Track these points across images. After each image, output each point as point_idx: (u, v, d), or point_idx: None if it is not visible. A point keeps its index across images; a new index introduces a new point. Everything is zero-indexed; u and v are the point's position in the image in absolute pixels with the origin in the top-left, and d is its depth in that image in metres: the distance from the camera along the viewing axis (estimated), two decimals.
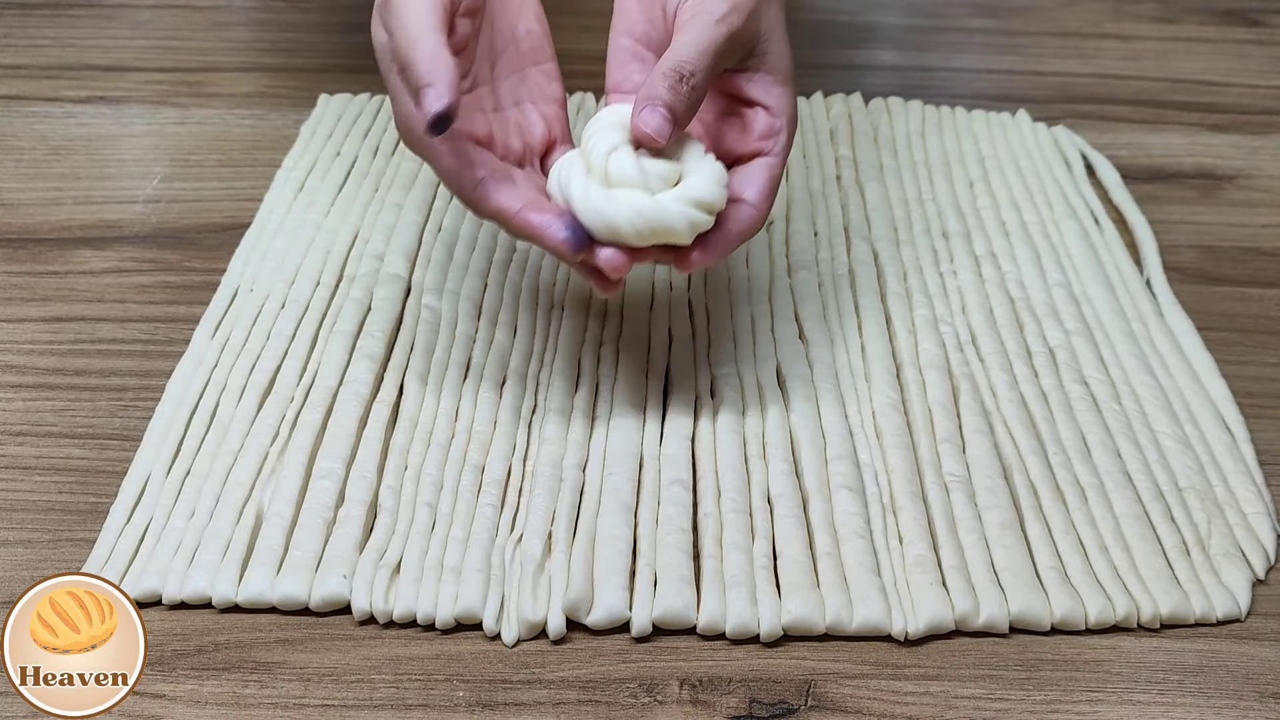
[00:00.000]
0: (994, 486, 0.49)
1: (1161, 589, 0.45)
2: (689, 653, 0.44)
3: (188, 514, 0.47)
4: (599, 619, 0.44)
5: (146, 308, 0.58)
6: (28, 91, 0.75)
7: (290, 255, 0.60)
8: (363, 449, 0.50)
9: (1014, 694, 0.42)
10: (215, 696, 0.41)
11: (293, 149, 0.68)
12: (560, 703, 0.42)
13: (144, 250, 0.62)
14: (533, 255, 0.60)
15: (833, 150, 0.69)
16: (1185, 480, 0.50)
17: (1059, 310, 0.58)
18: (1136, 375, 0.55)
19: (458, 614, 0.44)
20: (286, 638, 0.44)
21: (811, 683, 0.43)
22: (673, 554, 0.46)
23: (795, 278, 0.59)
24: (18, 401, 0.53)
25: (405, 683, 0.42)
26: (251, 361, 0.54)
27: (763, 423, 0.51)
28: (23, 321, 0.57)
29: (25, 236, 0.63)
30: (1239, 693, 0.43)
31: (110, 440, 0.51)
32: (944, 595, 0.45)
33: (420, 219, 0.62)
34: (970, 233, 0.63)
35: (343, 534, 0.46)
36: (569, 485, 0.48)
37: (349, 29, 0.83)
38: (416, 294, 0.58)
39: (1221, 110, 0.76)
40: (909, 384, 0.54)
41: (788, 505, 0.48)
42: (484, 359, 0.54)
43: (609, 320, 0.56)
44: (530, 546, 0.45)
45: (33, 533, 0.47)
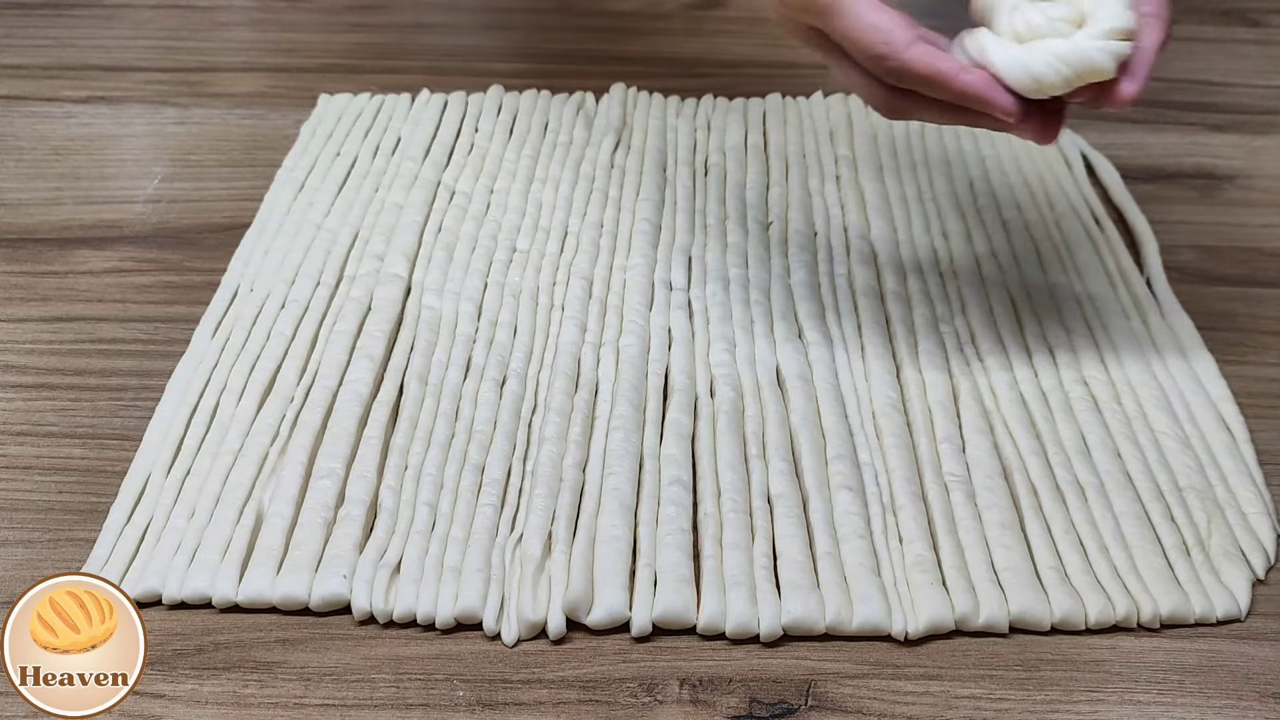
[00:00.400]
0: (994, 486, 0.49)
1: (1161, 589, 0.45)
2: (689, 652, 0.44)
3: (188, 514, 0.47)
4: (599, 619, 0.44)
5: (147, 308, 0.58)
6: (28, 91, 0.75)
7: (290, 255, 0.60)
8: (363, 449, 0.50)
9: (1014, 694, 0.42)
10: (215, 696, 0.41)
11: (293, 149, 0.68)
12: (560, 702, 0.42)
13: (144, 250, 0.62)
14: (533, 255, 0.60)
15: (832, 150, 0.69)
16: (1185, 480, 0.50)
17: (1059, 310, 0.58)
18: (1136, 375, 0.55)
19: (458, 614, 0.44)
20: (287, 637, 0.44)
21: (811, 682, 0.43)
22: (673, 554, 0.46)
23: (795, 277, 0.59)
24: (18, 401, 0.53)
25: (405, 682, 0.42)
26: (251, 361, 0.54)
27: (763, 423, 0.51)
28: (23, 321, 0.57)
29: (25, 236, 0.63)
30: (1239, 692, 0.43)
31: (110, 440, 0.51)
32: (944, 595, 0.45)
33: (420, 219, 0.62)
34: (970, 232, 0.63)
35: (343, 534, 0.46)
36: (569, 485, 0.48)
37: (349, 29, 0.83)
38: (417, 294, 0.58)
39: (1221, 110, 0.76)
40: (909, 384, 0.54)
41: (788, 505, 0.48)
42: (484, 359, 0.54)
43: (609, 320, 0.56)
44: (530, 546, 0.45)
45: (33, 532, 0.47)
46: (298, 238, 0.61)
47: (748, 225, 0.63)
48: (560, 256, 0.61)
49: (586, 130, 0.70)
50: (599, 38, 0.83)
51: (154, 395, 0.53)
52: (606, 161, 0.67)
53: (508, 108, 0.72)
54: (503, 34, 0.83)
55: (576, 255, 0.60)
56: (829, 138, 0.70)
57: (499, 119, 0.71)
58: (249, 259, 0.60)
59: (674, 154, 0.69)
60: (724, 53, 0.82)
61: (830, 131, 0.71)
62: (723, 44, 0.83)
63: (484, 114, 0.71)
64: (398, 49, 0.81)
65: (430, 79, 0.75)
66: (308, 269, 0.59)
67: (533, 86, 0.74)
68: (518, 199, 0.64)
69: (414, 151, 0.67)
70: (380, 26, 0.84)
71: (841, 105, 0.73)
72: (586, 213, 0.63)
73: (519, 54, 0.80)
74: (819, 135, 0.70)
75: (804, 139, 0.70)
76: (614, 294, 0.58)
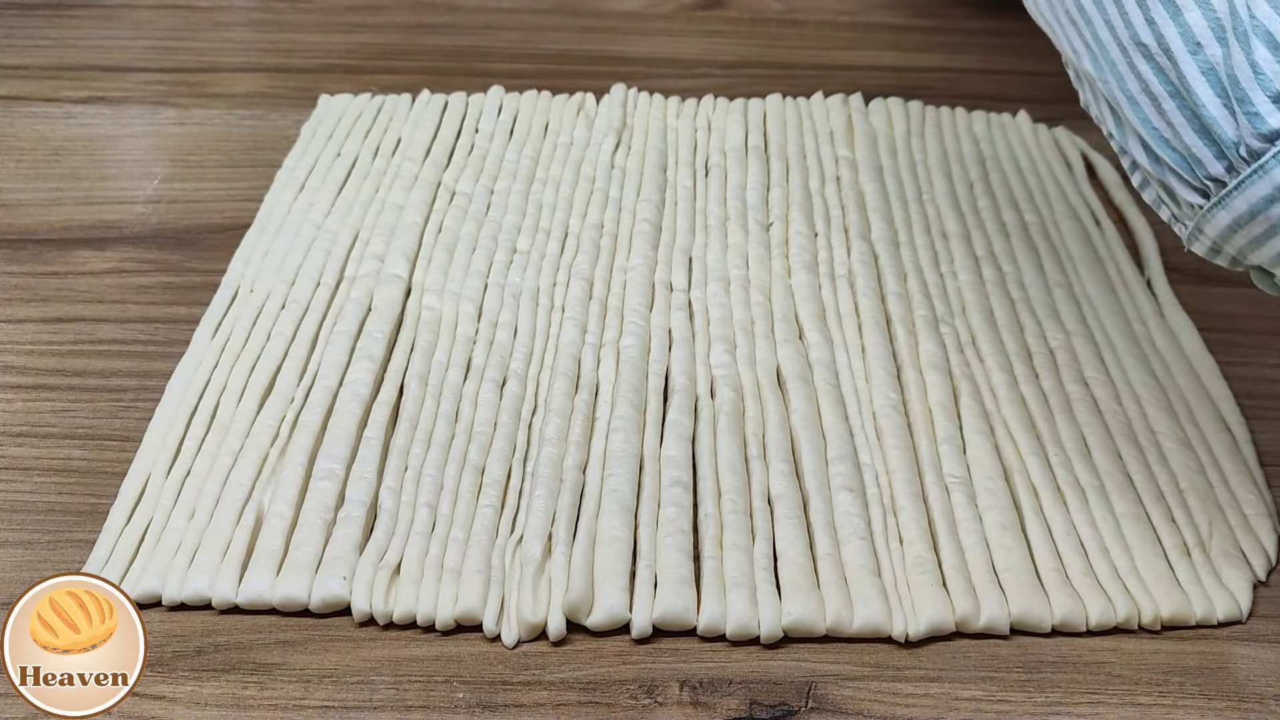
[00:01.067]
0: (994, 487, 0.49)
1: (1162, 590, 0.45)
2: (689, 654, 0.44)
3: (187, 515, 0.47)
4: (599, 620, 0.44)
5: (147, 308, 0.58)
6: (28, 92, 0.75)
7: (291, 256, 0.60)
8: (363, 450, 0.50)
9: (1015, 696, 0.42)
10: (215, 698, 0.41)
11: (293, 149, 0.68)
12: (560, 704, 0.42)
13: (144, 251, 0.62)
14: (533, 256, 0.60)
15: (833, 150, 0.69)
16: (1186, 481, 0.50)
17: (1059, 311, 0.58)
18: (1137, 376, 0.55)
19: (458, 615, 0.44)
20: (286, 639, 0.44)
21: (812, 684, 0.43)
22: (673, 555, 0.45)
23: (795, 278, 0.59)
24: (18, 402, 0.53)
25: (405, 684, 0.42)
26: (251, 362, 0.54)
27: (763, 424, 0.51)
28: (22, 322, 0.57)
29: (25, 237, 0.63)
30: (1240, 694, 0.43)
31: (110, 441, 0.51)
32: (944, 596, 0.45)
33: (421, 220, 0.62)
34: (970, 233, 0.63)
35: (342, 535, 0.46)
36: (569, 486, 0.48)
37: (349, 29, 0.83)
38: (417, 295, 0.58)
39: None
40: (909, 385, 0.54)
41: (788, 506, 0.48)
42: (484, 360, 0.54)
43: (609, 321, 0.56)
44: (530, 548, 0.45)
45: (32, 534, 0.47)
46: (298, 238, 0.61)
47: (748, 226, 0.63)
48: (560, 257, 0.61)
49: (587, 131, 0.70)
50: (599, 38, 0.83)
51: (154, 396, 0.53)
52: (607, 162, 0.67)
53: (508, 108, 0.72)
54: (503, 34, 0.83)
55: (577, 256, 0.60)
56: (829, 139, 0.70)
57: (499, 120, 0.71)
58: (249, 260, 0.60)
59: (674, 155, 0.69)
60: (724, 53, 0.82)
61: (831, 132, 0.71)
62: (723, 45, 0.83)
63: (484, 115, 0.71)
64: (398, 49, 0.81)
65: (430, 79, 0.75)
66: (308, 270, 0.59)
67: (533, 87, 0.74)
68: (518, 199, 0.64)
69: (414, 152, 0.67)
70: (380, 26, 0.84)
71: (842, 107, 0.73)
72: (587, 213, 0.63)
73: (519, 54, 0.80)
74: (819, 136, 0.70)
75: (804, 140, 0.70)
76: (614, 295, 0.58)
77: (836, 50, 0.83)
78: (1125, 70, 0.41)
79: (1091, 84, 0.43)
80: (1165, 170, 0.41)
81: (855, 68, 0.80)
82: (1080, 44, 0.43)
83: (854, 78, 0.77)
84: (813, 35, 0.85)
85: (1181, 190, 0.41)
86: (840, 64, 0.81)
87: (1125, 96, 0.41)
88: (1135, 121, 0.41)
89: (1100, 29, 0.41)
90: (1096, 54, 0.42)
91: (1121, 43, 0.41)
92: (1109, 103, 0.42)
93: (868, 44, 0.85)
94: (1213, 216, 0.40)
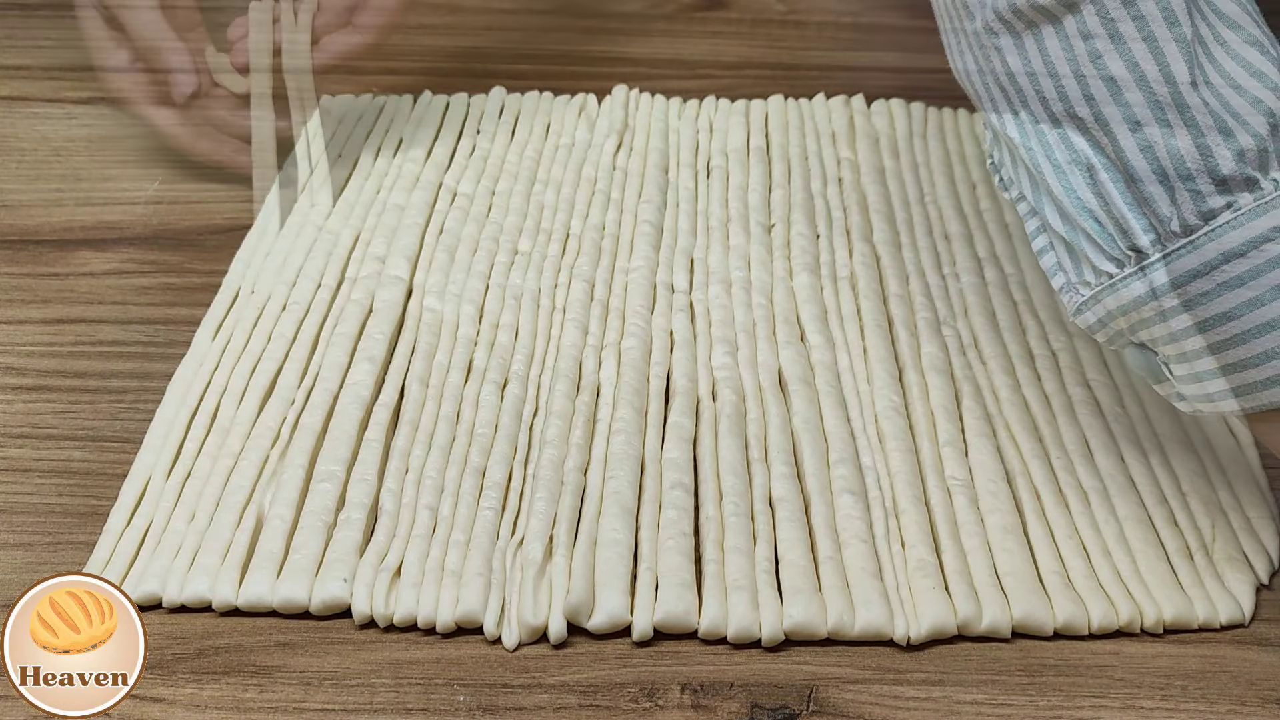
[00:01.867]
0: (996, 490, 0.49)
1: (1165, 594, 0.45)
2: (690, 657, 0.43)
3: (188, 517, 0.47)
4: (600, 623, 0.44)
5: (147, 309, 0.58)
6: (29, 92, 0.75)
7: (291, 257, 0.60)
8: (363, 452, 0.49)
9: (1016, 699, 0.42)
10: (215, 700, 0.41)
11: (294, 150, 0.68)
12: (561, 707, 0.41)
13: (145, 252, 0.62)
14: (534, 258, 0.60)
15: (834, 152, 0.69)
16: (1188, 484, 0.50)
17: (1061, 312, 0.58)
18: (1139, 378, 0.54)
19: (458, 618, 0.44)
20: (287, 641, 0.44)
21: (813, 687, 0.42)
22: (674, 557, 0.45)
23: (796, 280, 0.59)
24: (18, 404, 0.53)
25: (405, 687, 0.42)
26: (252, 364, 0.54)
27: (764, 426, 0.51)
28: (23, 323, 0.57)
29: (26, 238, 0.63)
30: (1243, 698, 0.43)
31: (110, 442, 0.51)
32: (946, 600, 0.44)
33: (422, 221, 0.62)
34: (972, 234, 0.63)
35: (343, 537, 0.46)
36: (570, 489, 0.48)
37: None
38: (418, 296, 0.58)
39: None
40: (911, 387, 0.53)
41: (789, 509, 0.47)
42: (485, 362, 0.54)
43: (610, 323, 0.56)
44: (531, 550, 0.45)
45: (32, 535, 0.47)
46: (299, 240, 0.61)
47: (750, 228, 0.63)
48: (562, 259, 0.60)
49: (588, 132, 0.70)
50: (601, 39, 0.83)
51: (154, 397, 0.53)
52: (608, 163, 0.67)
53: (509, 109, 0.72)
54: (504, 35, 0.83)
55: (578, 257, 0.60)
56: (831, 140, 0.70)
57: (500, 121, 0.71)
58: (250, 261, 0.60)
59: (676, 156, 0.68)
60: (726, 54, 0.82)
61: (833, 134, 0.70)
62: (725, 45, 0.83)
63: (486, 116, 0.71)
64: (399, 50, 0.81)
65: (432, 80, 0.75)
66: (309, 271, 0.59)
67: (534, 88, 0.74)
68: (519, 201, 0.64)
69: (415, 153, 0.67)
70: None
71: (844, 108, 0.72)
72: (588, 215, 0.63)
73: (520, 55, 0.80)
74: (821, 137, 0.70)
75: (806, 141, 0.70)
76: (615, 296, 0.58)
77: (838, 51, 0.83)
78: (1055, 141, 0.41)
79: (1013, 149, 0.44)
80: (1081, 237, 0.41)
81: (857, 69, 0.80)
82: (1009, 112, 0.43)
83: (856, 79, 0.77)
84: (815, 36, 0.85)
85: (1096, 258, 0.41)
86: (842, 65, 0.81)
87: (1051, 164, 0.41)
88: (1058, 190, 0.42)
89: (1032, 101, 0.42)
90: (1024, 122, 0.42)
91: (1054, 115, 0.41)
92: (1028, 168, 0.43)
93: (870, 45, 0.85)
94: (1123, 287, 0.41)
